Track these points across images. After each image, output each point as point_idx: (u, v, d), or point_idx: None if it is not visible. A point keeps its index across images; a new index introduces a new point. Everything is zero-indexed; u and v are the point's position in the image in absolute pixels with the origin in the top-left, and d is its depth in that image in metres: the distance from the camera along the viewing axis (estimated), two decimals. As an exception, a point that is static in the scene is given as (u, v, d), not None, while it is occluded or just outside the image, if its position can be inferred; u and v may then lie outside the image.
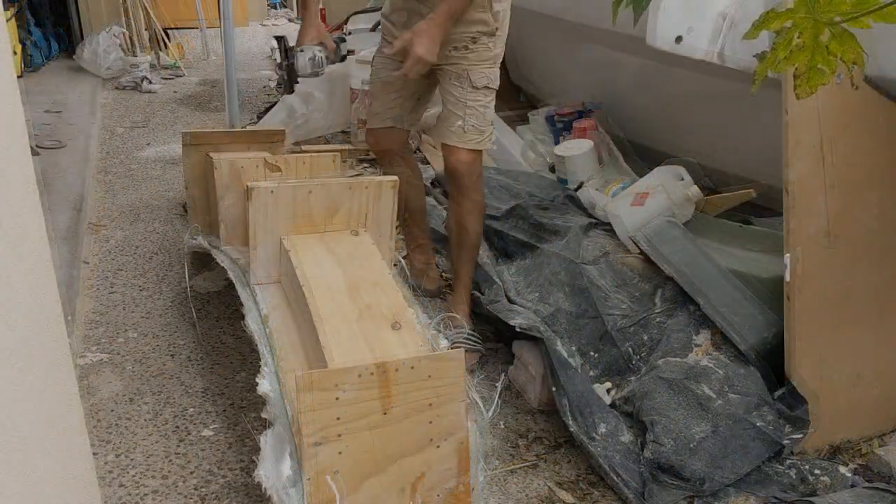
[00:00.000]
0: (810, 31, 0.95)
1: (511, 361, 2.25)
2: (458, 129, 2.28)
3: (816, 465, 1.85)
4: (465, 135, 2.28)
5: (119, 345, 2.36)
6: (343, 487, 1.43)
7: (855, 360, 1.94)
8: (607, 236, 2.70)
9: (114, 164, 4.05)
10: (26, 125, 1.09)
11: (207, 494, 1.76)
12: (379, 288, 1.77)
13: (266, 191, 1.87)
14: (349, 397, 1.41)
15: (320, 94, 4.27)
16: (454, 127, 2.28)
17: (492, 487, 1.81)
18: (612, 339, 2.18)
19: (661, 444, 1.78)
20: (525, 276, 2.60)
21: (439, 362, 1.48)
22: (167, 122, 4.97)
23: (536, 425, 2.05)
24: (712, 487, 1.74)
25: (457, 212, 2.39)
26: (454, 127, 2.28)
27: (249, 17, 10.05)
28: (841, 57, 0.95)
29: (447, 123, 2.30)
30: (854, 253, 1.91)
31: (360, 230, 1.97)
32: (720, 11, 2.45)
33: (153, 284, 2.74)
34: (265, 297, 1.91)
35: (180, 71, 6.46)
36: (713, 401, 1.86)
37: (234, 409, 2.07)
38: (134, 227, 3.23)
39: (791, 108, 1.80)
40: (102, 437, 1.94)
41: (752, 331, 2.02)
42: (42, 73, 6.03)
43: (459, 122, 2.27)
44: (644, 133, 3.37)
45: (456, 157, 2.30)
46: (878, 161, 1.90)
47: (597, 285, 2.35)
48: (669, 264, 2.25)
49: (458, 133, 2.28)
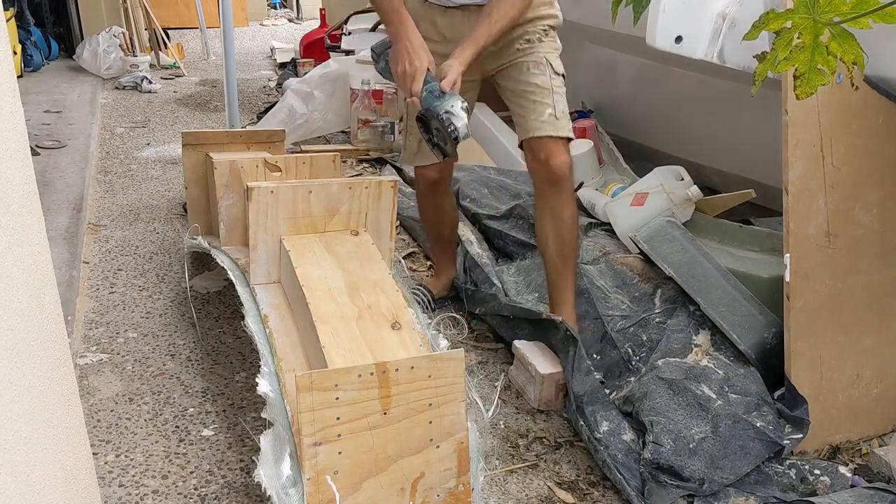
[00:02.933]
0: (810, 31, 0.95)
1: (511, 361, 2.25)
2: (551, 118, 2.05)
3: (816, 465, 1.85)
4: (558, 122, 2.06)
5: (119, 345, 2.36)
6: (343, 487, 1.43)
7: (854, 361, 1.94)
8: (607, 236, 2.71)
9: (114, 164, 4.05)
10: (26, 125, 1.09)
11: (207, 494, 1.76)
12: (379, 288, 1.77)
13: (266, 191, 1.87)
14: (349, 397, 1.41)
15: (320, 94, 4.27)
16: (545, 116, 2.05)
17: (492, 487, 1.81)
18: (612, 340, 2.18)
19: (660, 444, 1.78)
20: (525, 276, 2.60)
21: (439, 362, 1.48)
22: (167, 122, 4.97)
23: (536, 425, 2.05)
24: (712, 488, 1.74)
25: (558, 223, 2.14)
26: (545, 116, 2.05)
27: (250, 17, 10.06)
28: (841, 57, 0.96)
29: (535, 115, 2.06)
30: (854, 253, 1.91)
31: (359, 230, 1.97)
32: (720, 11, 2.45)
33: (153, 284, 2.74)
34: (265, 297, 1.91)
35: (180, 71, 6.47)
36: (713, 401, 1.86)
37: (234, 409, 2.07)
38: (134, 227, 3.23)
39: (791, 108, 1.80)
40: (102, 437, 1.94)
41: (751, 331, 2.02)
42: (42, 73, 6.03)
43: (549, 109, 2.05)
44: (644, 133, 3.37)
45: (558, 157, 2.05)
46: (878, 161, 1.90)
47: (597, 286, 2.35)
48: (669, 264, 2.25)
49: (552, 122, 2.05)
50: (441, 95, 1.83)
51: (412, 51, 1.88)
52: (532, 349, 2.17)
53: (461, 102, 1.84)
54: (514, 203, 2.91)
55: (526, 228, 2.78)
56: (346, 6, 5.79)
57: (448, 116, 1.80)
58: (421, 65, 1.87)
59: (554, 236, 2.17)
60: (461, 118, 1.81)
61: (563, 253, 2.19)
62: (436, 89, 1.85)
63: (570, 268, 2.22)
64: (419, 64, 1.87)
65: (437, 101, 1.82)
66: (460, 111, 1.81)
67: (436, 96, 1.83)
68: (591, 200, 2.93)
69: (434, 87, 1.85)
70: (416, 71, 1.86)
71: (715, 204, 2.67)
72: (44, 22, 6.61)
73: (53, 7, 6.76)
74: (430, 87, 1.85)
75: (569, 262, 2.21)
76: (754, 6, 2.27)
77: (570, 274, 2.22)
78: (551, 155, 2.06)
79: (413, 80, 1.85)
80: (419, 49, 1.89)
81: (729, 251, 2.47)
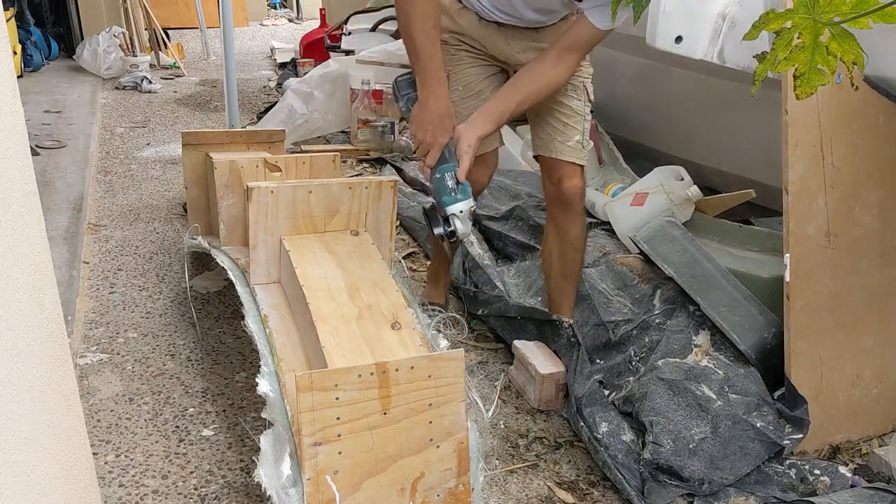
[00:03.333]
0: (810, 31, 0.95)
1: (511, 361, 2.25)
2: (577, 145, 2.05)
3: (816, 465, 1.84)
4: (582, 150, 2.06)
5: (119, 345, 2.36)
6: (343, 487, 1.43)
7: (854, 360, 1.94)
8: (607, 236, 2.70)
9: (114, 164, 4.06)
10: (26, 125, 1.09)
11: (207, 494, 1.76)
12: (379, 288, 1.77)
13: (266, 191, 1.87)
14: (349, 397, 1.41)
15: (320, 94, 4.28)
16: (572, 142, 2.04)
17: (492, 487, 1.82)
18: (615, 345, 2.18)
19: (660, 444, 1.78)
20: (525, 277, 2.60)
21: (439, 362, 1.48)
22: (167, 122, 4.97)
23: (536, 425, 2.05)
24: (712, 488, 1.74)
25: (563, 241, 2.14)
26: (572, 142, 2.04)
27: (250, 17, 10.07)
28: (841, 57, 0.95)
29: (562, 138, 2.04)
30: (854, 253, 1.91)
31: (359, 230, 1.97)
32: (720, 11, 2.45)
33: (153, 284, 2.74)
34: (265, 297, 1.91)
35: (180, 71, 6.47)
36: (713, 401, 1.86)
37: (234, 409, 2.07)
38: (134, 227, 3.23)
39: (791, 108, 1.80)
40: (102, 437, 1.94)
41: (751, 331, 2.02)
42: (42, 73, 6.04)
43: (578, 136, 2.05)
44: (643, 133, 3.37)
45: (571, 181, 2.06)
46: (878, 161, 1.90)
47: (598, 290, 2.35)
48: (669, 264, 2.25)
49: (577, 149, 2.05)
50: (454, 189, 1.77)
51: (437, 122, 1.76)
52: (532, 349, 2.17)
53: (470, 205, 1.79)
54: (513, 204, 2.91)
55: (526, 230, 2.78)
56: (346, 6, 5.80)
57: (453, 219, 1.77)
58: (442, 139, 1.77)
59: (558, 253, 2.18)
60: (466, 223, 1.79)
61: (565, 272, 2.19)
62: (449, 177, 1.77)
63: (571, 285, 2.22)
64: (441, 140, 1.77)
65: (446, 196, 1.77)
66: (467, 217, 1.79)
67: (448, 189, 1.77)
68: (591, 200, 2.93)
69: (449, 172, 1.77)
70: (435, 145, 1.77)
71: (715, 204, 2.67)
72: (44, 22, 6.61)
73: (53, 7, 6.76)
74: (445, 169, 1.77)
75: (571, 280, 2.21)
76: (754, 6, 2.27)
77: (571, 290, 2.23)
78: (565, 177, 2.06)
79: (430, 154, 1.78)
80: (445, 118, 1.78)
81: (729, 251, 2.47)
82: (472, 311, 2.48)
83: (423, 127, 1.77)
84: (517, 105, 1.86)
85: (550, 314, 2.21)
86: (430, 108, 1.76)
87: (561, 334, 2.14)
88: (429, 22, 1.73)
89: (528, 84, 1.86)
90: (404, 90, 1.85)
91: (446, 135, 1.78)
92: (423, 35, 1.74)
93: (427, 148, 1.78)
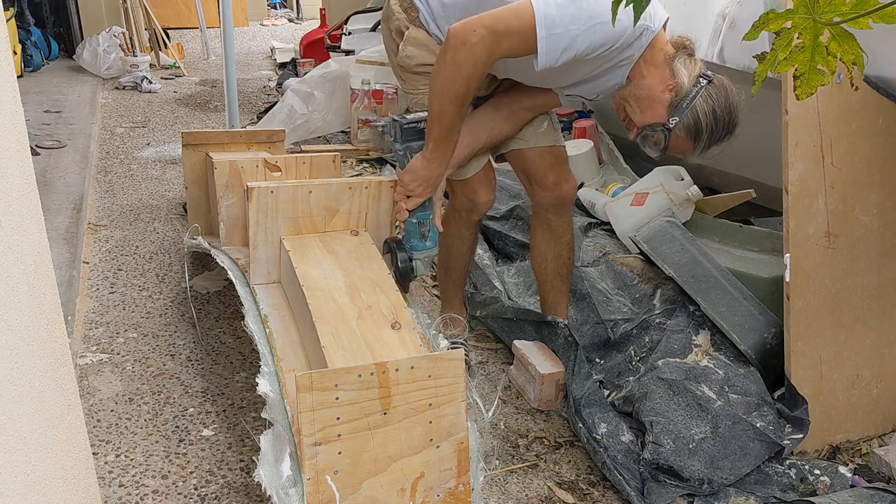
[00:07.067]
0: (810, 31, 0.95)
1: (511, 361, 2.25)
2: (549, 128, 2.08)
3: (816, 465, 1.85)
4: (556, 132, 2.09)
5: (119, 345, 2.36)
6: (343, 487, 1.43)
7: (854, 361, 1.94)
8: (607, 236, 2.71)
9: (114, 164, 4.06)
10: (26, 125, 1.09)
11: (207, 494, 1.76)
12: (379, 288, 1.77)
13: (266, 191, 1.87)
14: (349, 397, 1.41)
15: (320, 94, 4.28)
16: (543, 127, 2.06)
17: (492, 487, 1.82)
18: (615, 345, 2.18)
19: (660, 444, 1.78)
20: (525, 277, 2.60)
21: (439, 362, 1.48)
22: (167, 122, 4.97)
23: (536, 425, 2.05)
24: (712, 488, 1.74)
25: (560, 243, 2.16)
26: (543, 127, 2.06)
27: (250, 17, 10.07)
28: (841, 57, 0.95)
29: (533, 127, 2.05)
30: (854, 253, 1.91)
31: (359, 230, 1.97)
32: (720, 11, 2.45)
33: (153, 284, 2.74)
34: (265, 297, 1.91)
35: (180, 71, 6.47)
36: (713, 401, 1.86)
37: (234, 409, 2.07)
38: (134, 227, 3.23)
39: (791, 108, 1.80)
40: (102, 437, 1.94)
41: (751, 331, 2.02)
42: (42, 73, 6.04)
43: (546, 121, 2.07)
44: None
45: (570, 183, 2.09)
46: (878, 161, 1.90)
47: (598, 289, 2.35)
48: (669, 264, 2.25)
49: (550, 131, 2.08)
50: (424, 236, 1.90)
51: (432, 181, 1.84)
52: (532, 349, 2.17)
53: (434, 252, 1.94)
54: (513, 204, 2.91)
55: (526, 229, 2.78)
56: (346, 6, 5.80)
57: (416, 262, 1.90)
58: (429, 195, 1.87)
59: (554, 256, 2.18)
60: (427, 266, 1.94)
61: (561, 272, 2.21)
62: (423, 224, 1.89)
63: (566, 284, 2.24)
64: (427, 195, 1.86)
65: (416, 241, 1.90)
66: (429, 261, 1.94)
67: (420, 234, 1.90)
68: (591, 200, 2.93)
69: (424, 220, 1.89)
70: (420, 197, 1.86)
71: (715, 204, 2.67)
72: (44, 22, 6.61)
73: (53, 7, 6.76)
74: (423, 217, 1.89)
75: (566, 279, 2.23)
76: (754, 6, 2.28)
77: (565, 289, 2.25)
78: (563, 182, 2.09)
79: (411, 201, 1.86)
80: (440, 180, 1.87)
81: (729, 251, 2.48)
82: (472, 313, 2.48)
83: (418, 180, 1.83)
84: (470, 152, 1.96)
85: (546, 315, 2.21)
86: (433, 169, 1.82)
87: (558, 334, 2.14)
88: (467, 98, 1.74)
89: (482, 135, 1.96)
90: (409, 138, 1.88)
91: (435, 192, 1.87)
92: (457, 108, 1.74)
93: (411, 194, 1.85)
